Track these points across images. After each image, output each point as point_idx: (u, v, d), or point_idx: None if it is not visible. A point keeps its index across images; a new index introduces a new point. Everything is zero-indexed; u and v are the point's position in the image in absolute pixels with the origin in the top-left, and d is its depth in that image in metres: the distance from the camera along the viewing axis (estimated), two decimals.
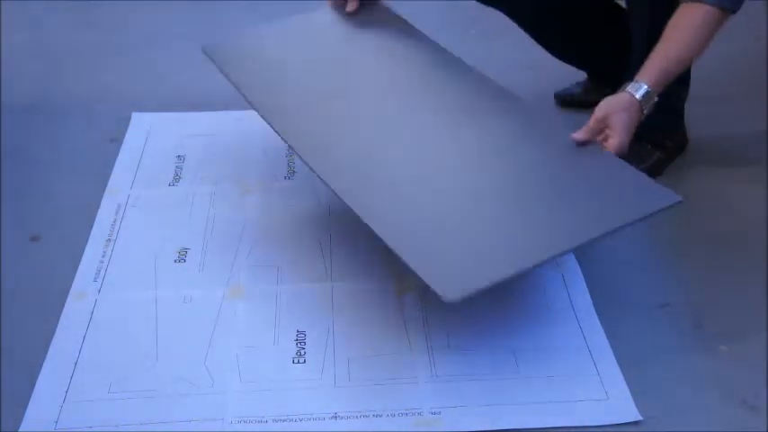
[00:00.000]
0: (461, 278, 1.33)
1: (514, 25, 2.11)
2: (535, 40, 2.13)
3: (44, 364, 1.51)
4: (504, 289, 1.64)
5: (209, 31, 2.74)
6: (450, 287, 1.30)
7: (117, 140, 2.15)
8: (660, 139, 1.98)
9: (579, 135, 1.59)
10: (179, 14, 2.86)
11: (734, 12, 1.67)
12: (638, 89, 1.62)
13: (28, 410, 1.42)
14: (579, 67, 2.20)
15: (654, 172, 1.95)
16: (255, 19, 2.80)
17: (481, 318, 1.60)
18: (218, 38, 2.67)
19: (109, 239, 1.81)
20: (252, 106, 1.73)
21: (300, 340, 1.55)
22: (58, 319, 1.60)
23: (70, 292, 1.66)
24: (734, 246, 1.78)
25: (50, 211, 1.90)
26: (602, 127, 1.60)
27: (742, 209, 1.88)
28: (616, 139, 1.58)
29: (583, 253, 1.74)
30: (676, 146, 2.01)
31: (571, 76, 2.24)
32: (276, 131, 1.67)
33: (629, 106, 1.61)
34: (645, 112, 1.63)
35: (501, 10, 2.05)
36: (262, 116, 1.71)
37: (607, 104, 1.61)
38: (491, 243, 1.41)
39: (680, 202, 1.48)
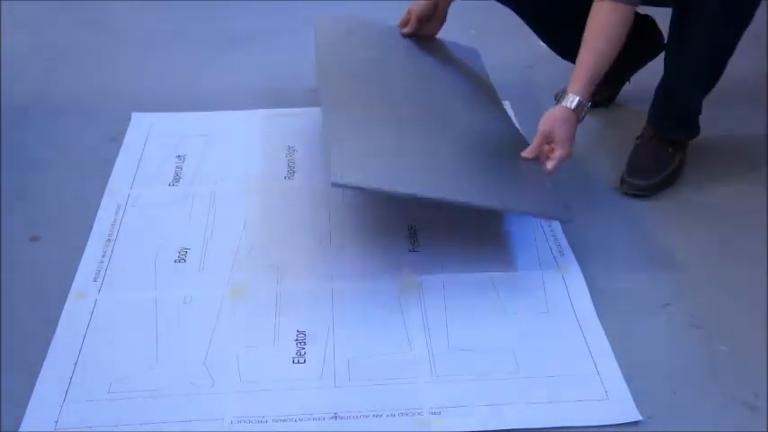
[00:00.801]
0: (356, 174, 1.54)
1: (514, 25, 2.11)
2: (537, 34, 2.13)
3: (44, 364, 1.50)
4: (503, 290, 1.66)
5: (209, 31, 2.75)
6: (341, 175, 1.51)
7: (117, 140, 2.15)
8: (684, 142, 1.98)
9: (527, 153, 1.76)
10: (179, 14, 2.86)
11: (634, 5, 1.76)
12: (572, 102, 1.75)
13: (28, 410, 1.42)
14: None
15: (675, 176, 1.95)
16: (255, 19, 2.80)
17: (481, 318, 1.60)
18: (218, 38, 2.69)
19: (109, 239, 1.81)
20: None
21: (300, 340, 1.55)
22: (58, 319, 1.60)
23: (70, 292, 1.66)
24: (734, 246, 1.78)
25: (50, 211, 1.90)
26: (548, 140, 1.75)
27: (742, 209, 1.88)
28: (560, 150, 1.74)
29: (583, 253, 1.74)
30: (688, 146, 2.01)
31: (570, 75, 2.23)
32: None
33: (569, 117, 1.75)
34: (581, 118, 1.77)
35: (504, 3, 2.05)
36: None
37: (550, 119, 1.76)
38: (404, 166, 1.63)
39: (570, 221, 1.71)
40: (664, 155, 1.95)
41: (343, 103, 1.77)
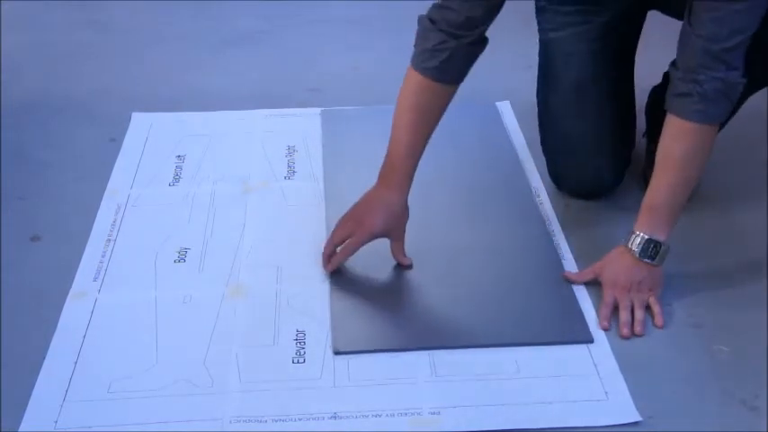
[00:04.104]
0: (356, 339, 1.55)
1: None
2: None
3: (44, 364, 1.50)
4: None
5: (209, 31, 2.75)
6: (343, 342, 1.53)
7: (117, 140, 2.15)
8: None
9: (571, 277, 1.67)
10: (179, 14, 2.86)
11: (722, 124, 1.59)
12: (633, 241, 1.59)
13: (28, 410, 1.42)
14: None
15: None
16: (255, 19, 2.80)
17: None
18: (218, 38, 2.69)
19: (109, 239, 1.81)
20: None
21: (300, 340, 1.55)
22: (58, 319, 1.60)
23: (70, 292, 1.66)
24: (734, 246, 1.78)
25: (50, 211, 1.90)
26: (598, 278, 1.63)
27: (742, 209, 1.88)
28: (607, 290, 1.60)
29: (583, 254, 1.74)
30: None
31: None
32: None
33: (621, 257, 1.61)
34: (656, 260, 1.58)
35: None
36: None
37: (605, 258, 1.64)
38: (399, 319, 1.61)
39: (590, 341, 1.53)
40: None
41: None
